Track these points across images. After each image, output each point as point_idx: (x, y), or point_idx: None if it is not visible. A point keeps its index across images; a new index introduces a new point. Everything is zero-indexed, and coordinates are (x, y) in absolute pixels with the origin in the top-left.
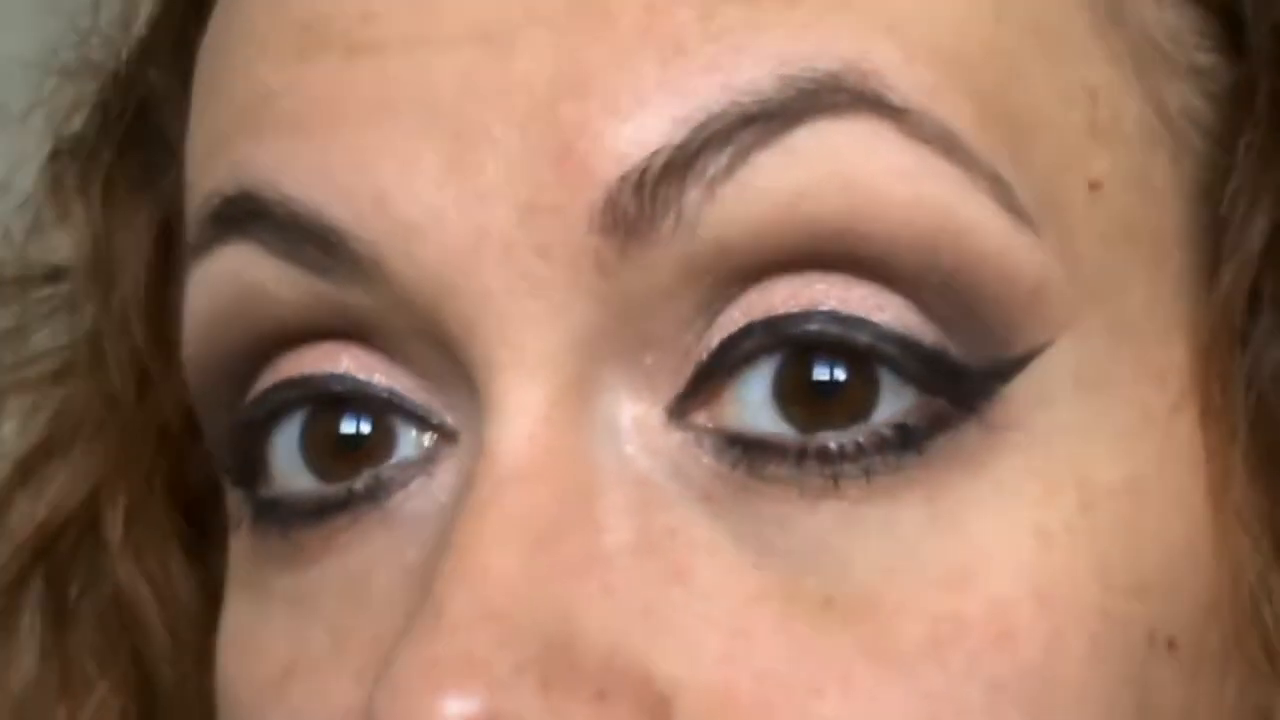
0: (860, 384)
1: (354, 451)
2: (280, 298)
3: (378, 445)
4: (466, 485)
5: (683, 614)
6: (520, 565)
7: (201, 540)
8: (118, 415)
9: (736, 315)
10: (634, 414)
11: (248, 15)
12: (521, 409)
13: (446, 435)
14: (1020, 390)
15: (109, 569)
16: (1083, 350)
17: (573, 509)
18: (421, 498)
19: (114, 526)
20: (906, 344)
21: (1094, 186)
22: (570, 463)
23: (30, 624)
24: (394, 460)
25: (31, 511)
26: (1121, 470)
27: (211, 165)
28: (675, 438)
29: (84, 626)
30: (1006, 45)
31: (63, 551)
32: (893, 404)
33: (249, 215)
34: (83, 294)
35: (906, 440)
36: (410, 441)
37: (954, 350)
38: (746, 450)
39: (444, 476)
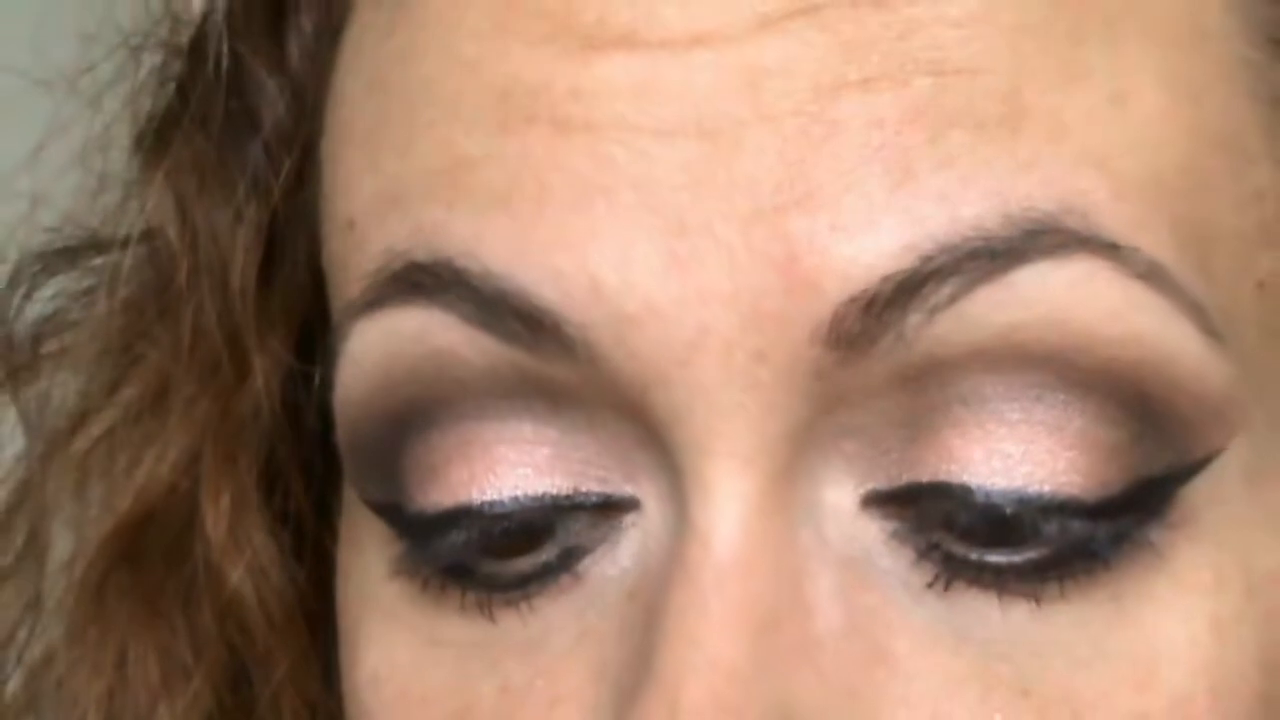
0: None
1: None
2: (469, 362)
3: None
4: (678, 567)
5: (886, 696)
6: (746, 655)
7: (283, 525)
8: (217, 401)
9: (934, 460)
10: (833, 499)
11: (427, 67)
12: (735, 496)
13: (628, 505)
14: (1196, 489)
15: (206, 559)
16: (1251, 445)
17: (786, 595)
18: (605, 563)
19: (217, 520)
20: (1097, 506)
21: (1260, 286)
22: (781, 548)
23: (119, 611)
24: (569, 534)
25: (119, 493)
26: (1277, 554)
27: (387, 221)
28: (872, 527)
29: (176, 615)
30: (1198, 163)
31: (153, 536)
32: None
33: (443, 284)
34: (181, 278)
35: (1095, 556)
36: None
37: (1138, 467)
38: (947, 561)
39: (628, 544)
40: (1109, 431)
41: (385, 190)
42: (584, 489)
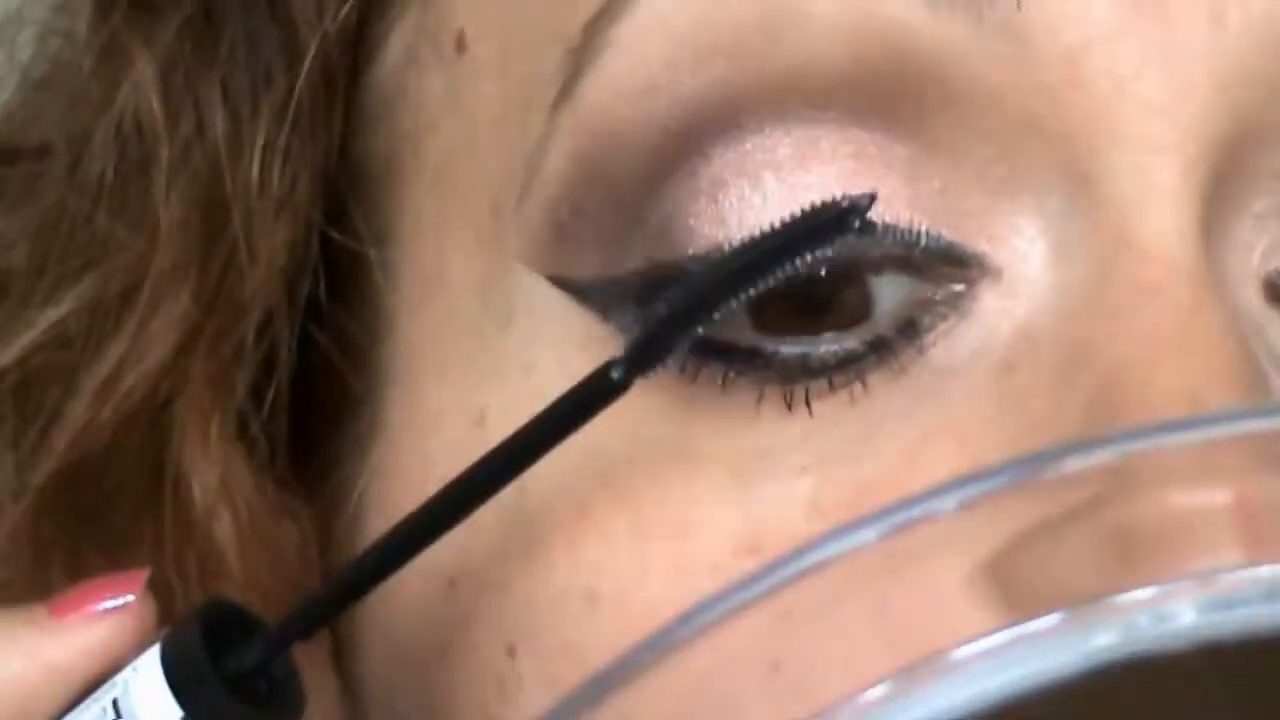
0: None
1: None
2: (825, 19)
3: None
4: (1120, 292)
5: None
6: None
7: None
8: (198, 301)
9: None
10: (1239, 263)
11: None
12: (1182, 200)
13: (983, 269)
14: None
15: (184, 509)
16: None
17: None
18: (951, 339)
19: (202, 457)
20: None
21: None
22: (1216, 287)
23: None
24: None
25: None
26: None
27: None
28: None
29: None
30: None
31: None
32: None
33: None
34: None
35: None
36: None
37: None
38: None
39: (983, 315)
40: None
41: None
42: (935, 232)
